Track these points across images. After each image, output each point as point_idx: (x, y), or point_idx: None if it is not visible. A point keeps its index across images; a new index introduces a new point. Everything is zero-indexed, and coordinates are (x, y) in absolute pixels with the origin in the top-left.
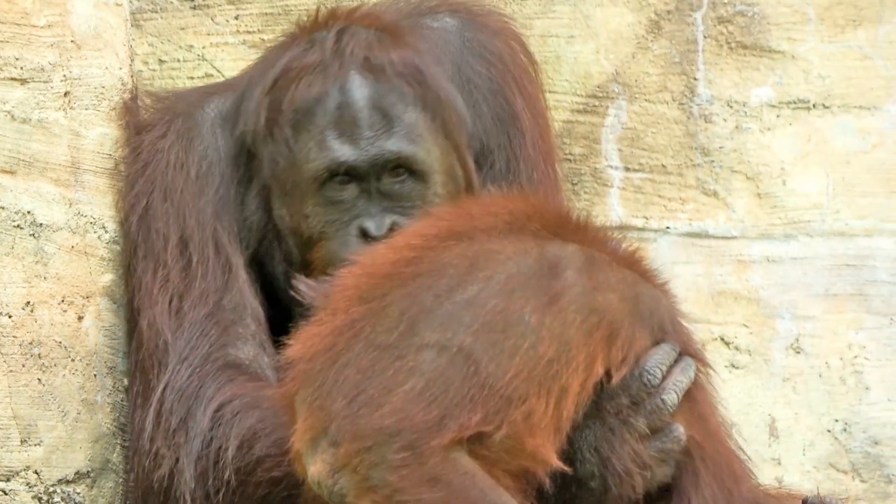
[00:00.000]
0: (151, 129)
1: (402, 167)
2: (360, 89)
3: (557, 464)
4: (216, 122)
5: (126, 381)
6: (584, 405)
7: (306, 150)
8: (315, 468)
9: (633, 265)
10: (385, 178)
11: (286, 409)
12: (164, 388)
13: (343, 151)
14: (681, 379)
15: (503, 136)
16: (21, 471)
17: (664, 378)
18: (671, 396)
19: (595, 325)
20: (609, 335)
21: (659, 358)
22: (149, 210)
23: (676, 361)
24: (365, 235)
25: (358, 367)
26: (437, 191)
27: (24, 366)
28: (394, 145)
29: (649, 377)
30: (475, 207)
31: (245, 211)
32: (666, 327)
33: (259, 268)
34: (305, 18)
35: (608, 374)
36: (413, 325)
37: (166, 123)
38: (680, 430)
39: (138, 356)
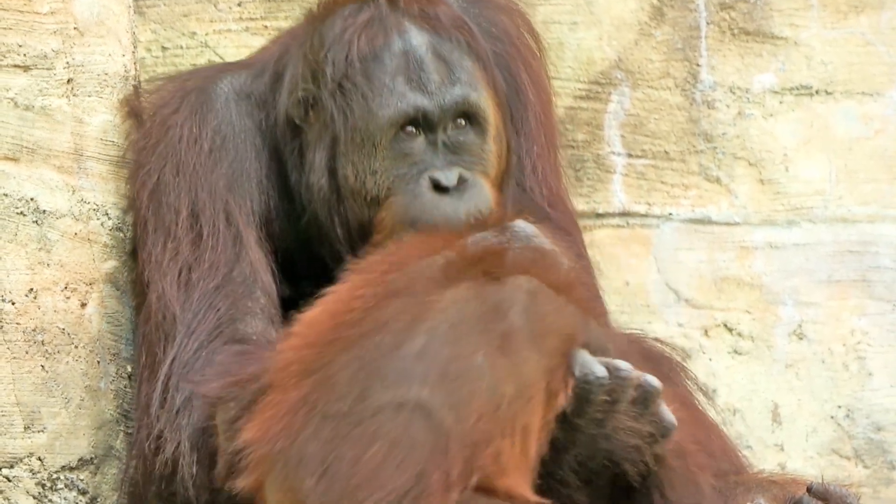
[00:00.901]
0: (164, 105)
1: (466, 115)
2: (421, 39)
3: (534, 498)
4: (230, 98)
5: (129, 368)
6: (551, 435)
7: (381, 99)
8: None
9: (570, 290)
10: (450, 129)
11: (256, 497)
12: (172, 362)
13: (417, 98)
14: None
15: (506, 109)
16: (24, 457)
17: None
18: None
19: (549, 360)
20: (565, 366)
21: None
22: (160, 184)
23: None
24: (436, 187)
25: (319, 441)
26: (491, 147)
27: (27, 353)
28: (459, 91)
29: (622, 373)
30: (406, 257)
31: (268, 184)
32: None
33: (278, 242)
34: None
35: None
36: (365, 388)
37: (179, 99)
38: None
39: (146, 329)
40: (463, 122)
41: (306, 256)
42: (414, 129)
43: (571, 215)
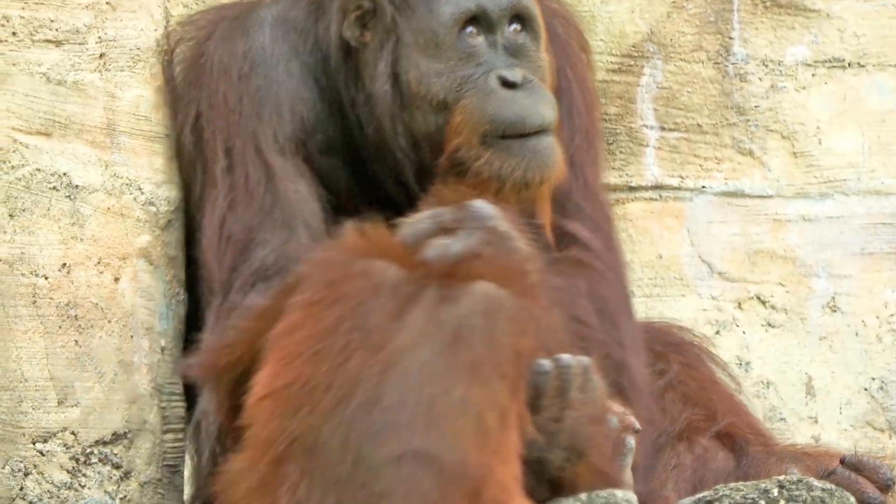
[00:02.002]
0: (199, 33)
1: (520, 19)
2: None
3: None
4: (266, 24)
5: (163, 342)
6: None
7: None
8: None
9: (524, 285)
10: (507, 31)
11: None
12: (218, 311)
13: None
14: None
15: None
16: (58, 432)
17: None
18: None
19: (514, 382)
20: (526, 373)
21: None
22: (199, 118)
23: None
24: (504, 84)
25: None
26: (542, 54)
27: (60, 327)
28: None
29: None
30: (346, 277)
31: (304, 108)
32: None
33: (321, 162)
34: None
35: None
36: (359, 451)
37: (213, 26)
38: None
39: (200, 290)
40: (518, 27)
41: (358, 177)
42: (474, 30)
43: (604, 209)
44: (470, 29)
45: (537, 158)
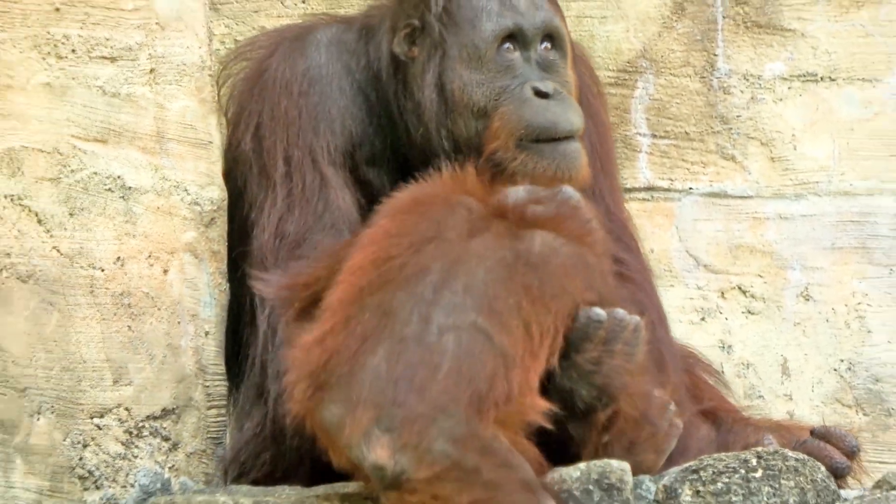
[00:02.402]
0: (262, 51)
1: (551, 38)
2: None
3: (539, 418)
4: (322, 45)
5: (207, 328)
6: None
7: (483, 16)
8: (374, 455)
9: (589, 243)
10: (540, 48)
11: (308, 420)
12: (268, 316)
13: (512, 16)
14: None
15: None
16: (113, 408)
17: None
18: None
19: (557, 318)
20: (571, 310)
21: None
22: (260, 127)
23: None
24: (538, 94)
25: (387, 360)
26: (569, 71)
27: (115, 314)
28: (544, 15)
29: (618, 318)
30: (430, 199)
31: (352, 123)
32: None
33: (367, 170)
34: None
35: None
36: (426, 316)
37: (275, 45)
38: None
39: (249, 265)
40: (549, 45)
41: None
42: (511, 46)
43: (629, 230)
44: (507, 45)
45: (566, 160)
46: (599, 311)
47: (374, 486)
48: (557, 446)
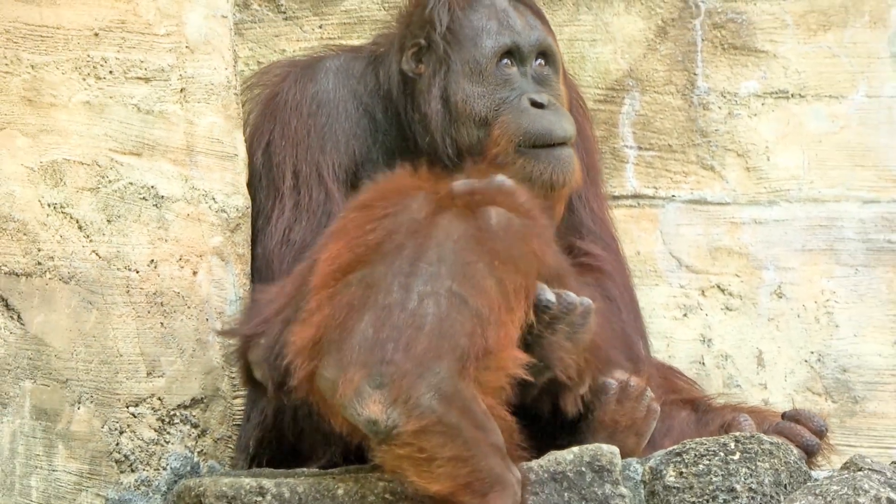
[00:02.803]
0: (275, 77)
1: (544, 55)
2: None
3: (521, 371)
4: (330, 71)
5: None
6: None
7: (484, 34)
8: (368, 411)
9: (534, 219)
10: (535, 64)
11: (308, 392)
12: None
13: (510, 34)
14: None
15: None
16: (147, 398)
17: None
18: (579, 301)
19: (522, 278)
20: (537, 269)
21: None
22: (270, 145)
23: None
24: (534, 104)
25: (374, 325)
26: (561, 85)
27: (149, 312)
28: (537, 35)
29: (567, 301)
30: (394, 191)
31: (355, 143)
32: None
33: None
34: None
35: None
36: (406, 285)
37: (287, 71)
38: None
39: (255, 281)
40: (543, 62)
41: None
42: (509, 62)
43: (610, 230)
44: (505, 61)
45: (561, 165)
46: (548, 296)
47: (371, 442)
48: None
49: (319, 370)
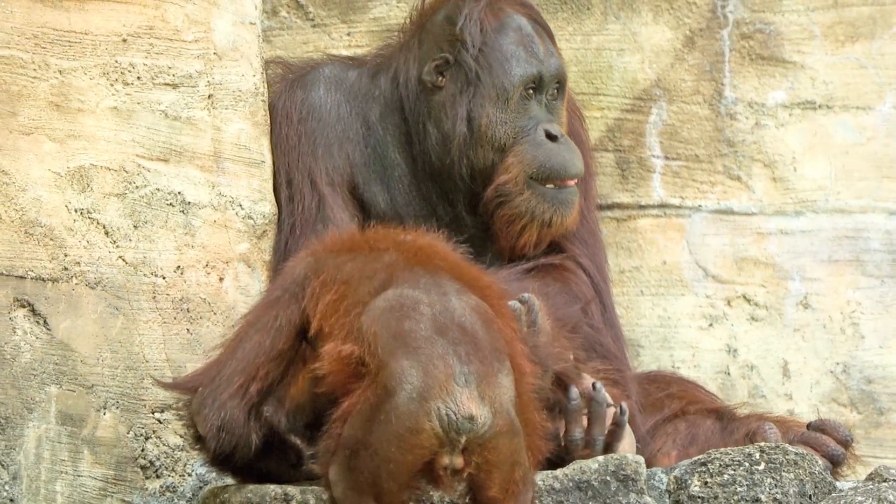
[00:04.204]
0: (271, 87)
1: (559, 83)
2: (524, 20)
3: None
4: (323, 80)
5: None
6: None
7: (514, 61)
8: (464, 408)
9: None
10: (550, 94)
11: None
12: None
13: (536, 63)
14: None
15: None
16: (173, 404)
17: None
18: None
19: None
20: None
21: None
22: (274, 152)
23: None
24: (549, 136)
25: (434, 330)
26: (564, 111)
27: (175, 318)
28: (556, 62)
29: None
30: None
31: (350, 147)
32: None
33: (364, 189)
34: None
35: None
36: (441, 299)
37: (281, 79)
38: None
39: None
40: (556, 90)
41: (404, 200)
42: (532, 90)
43: (591, 227)
44: (529, 89)
45: (563, 207)
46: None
47: (444, 449)
48: None
49: (391, 375)
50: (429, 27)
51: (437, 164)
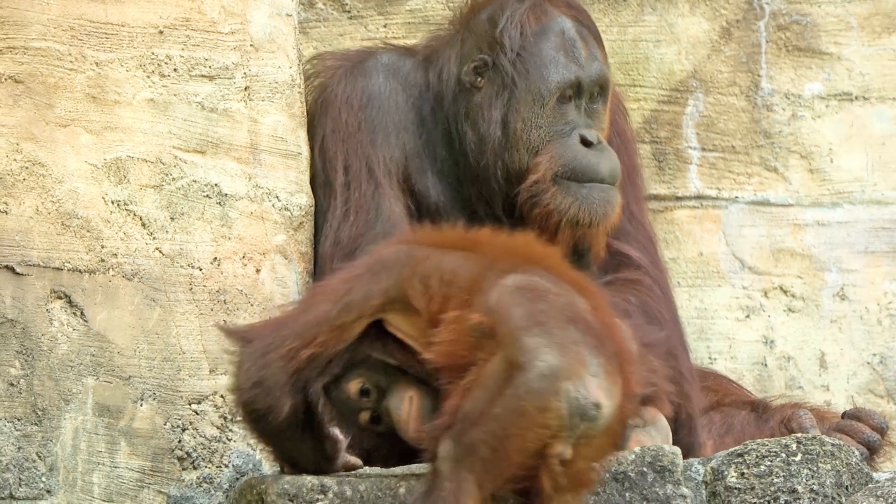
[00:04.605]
0: (327, 72)
1: (601, 88)
2: (569, 23)
3: None
4: (381, 68)
5: None
6: None
7: (552, 66)
8: (593, 395)
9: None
10: (589, 99)
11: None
12: None
13: (575, 69)
14: None
15: None
16: (210, 395)
17: None
18: None
19: None
20: None
21: None
22: (325, 141)
23: None
24: (583, 142)
25: (557, 323)
26: (607, 116)
27: (212, 310)
28: (598, 67)
29: None
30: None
31: (406, 136)
32: None
33: (417, 181)
34: None
35: None
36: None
37: (338, 66)
38: None
39: (317, 268)
40: (597, 95)
41: (450, 195)
42: (569, 95)
43: (648, 233)
44: (568, 92)
45: (590, 204)
46: None
47: (565, 432)
48: None
49: (524, 350)
50: (472, 26)
51: (473, 165)
